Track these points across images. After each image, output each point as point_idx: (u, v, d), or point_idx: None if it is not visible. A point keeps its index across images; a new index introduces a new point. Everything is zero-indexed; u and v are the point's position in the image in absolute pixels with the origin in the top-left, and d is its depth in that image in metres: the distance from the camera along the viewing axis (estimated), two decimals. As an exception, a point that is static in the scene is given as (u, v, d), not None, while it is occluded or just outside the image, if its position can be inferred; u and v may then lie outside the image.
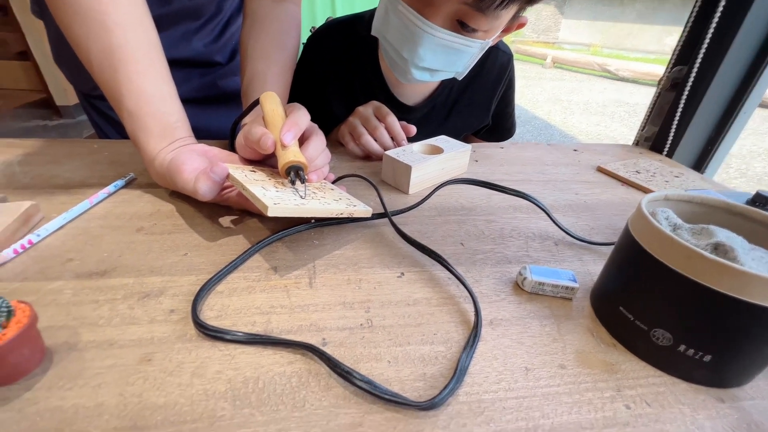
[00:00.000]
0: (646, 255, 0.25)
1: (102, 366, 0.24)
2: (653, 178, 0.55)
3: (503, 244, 0.38)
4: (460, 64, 0.51)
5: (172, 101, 0.42)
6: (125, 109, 0.39)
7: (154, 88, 0.40)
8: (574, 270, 0.35)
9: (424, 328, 0.28)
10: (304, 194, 0.35)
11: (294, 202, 0.32)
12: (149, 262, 0.33)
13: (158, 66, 0.41)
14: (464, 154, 0.52)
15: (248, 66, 0.51)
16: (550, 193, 0.50)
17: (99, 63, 0.38)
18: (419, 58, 0.48)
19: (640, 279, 0.26)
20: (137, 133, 0.40)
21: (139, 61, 0.39)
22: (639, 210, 0.27)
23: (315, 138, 0.40)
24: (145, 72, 0.40)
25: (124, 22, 0.38)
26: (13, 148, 0.52)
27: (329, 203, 0.35)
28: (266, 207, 0.29)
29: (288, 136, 0.36)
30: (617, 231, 0.42)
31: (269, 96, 0.42)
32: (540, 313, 0.30)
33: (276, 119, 0.39)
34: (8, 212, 0.35)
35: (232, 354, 0.25)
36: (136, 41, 0.39)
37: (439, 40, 0.46)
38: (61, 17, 0.37)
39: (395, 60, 0.52)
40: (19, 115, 2.90)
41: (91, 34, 0.37)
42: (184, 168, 0.36)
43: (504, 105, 0.74)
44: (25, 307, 0.23)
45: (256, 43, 0.52)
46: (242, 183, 0.33)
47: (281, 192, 0.34)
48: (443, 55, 0.48)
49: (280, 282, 0.31)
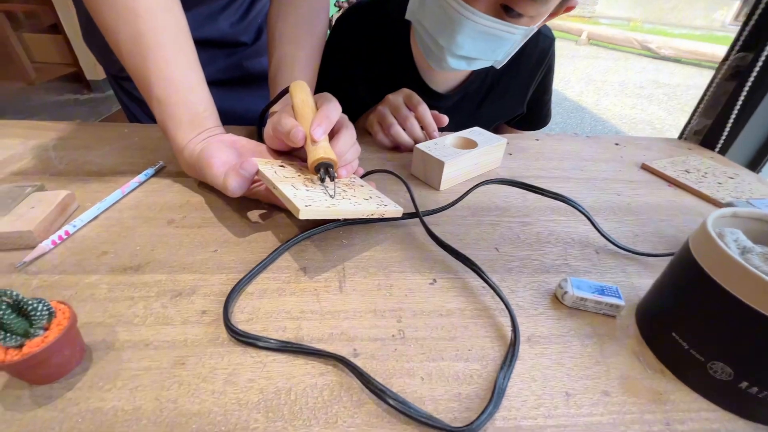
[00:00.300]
0: (709, 281, 0.23)
1: (138, 368, 0.24)
2: (704, 179, 0.51)
3: (540, 251, 0.36)
4: (501, 52, 0.48)
5: (201, 89, 0.41)
6: (154, 98, 0.39)
7: (183, 76, 0.39)
8: (617, 283, 0.33)
9: (458, 343, 0.27)
10: (334, 193, 0.34)
11: (325, 203, 0.31)
12: (180, 258, 0.33)
13: (187, 52, 0.40)
14: (499, 149, 0.50)
15: (276, 49, 0.49)
16: (589, 193, 0.47)
17: (128, 50, 0.37)
18: (457, 45, 0.45)
19: (699, 306, 0.24)
20: (166, 123, 0.39)
21: (168, 47, 0.38)
22: (704, 230, 0.24)
23: (345, 131, 0.39)
24: (174, 59, 0.39)
25: (153, 7, 0.37)
26: (47, 131, 0.53)
27: (360, 203, 0.34)
28: (297, 210, 0.29)
29: (318, 131, 0.35)
30: (664, 239, 0.39)
31: (299, 85, 0.40)
32: (581, 332, 0.28)
33: (306, 111, 0.38)
34: (46, 202, 0.35)
35: (263, 361, 0.25)
36: (165, 27, 0.38)
37: (481, 27, 0.43)
38: (91, 3, 0.36)
39: (430, 47, 0.49)
40: (52, 88, 2.98)
41: (120, 20, 0.36)
42: (214, 162, 0.36)
43: (541, 92, 0.70)
44: (65, 308, 0.23)
45: (285, 25, 0.50)
46: (272, 181, 0.32)
47: (311, 191, 0.33)
48: (483, 42, 0.45)
49: (309, 284, 0.31)
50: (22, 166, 0.45)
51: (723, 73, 0.62)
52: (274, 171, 0.35)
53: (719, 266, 0.22)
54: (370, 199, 0.36)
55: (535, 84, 0.67)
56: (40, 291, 0.29)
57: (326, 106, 0.37)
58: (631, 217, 0.43)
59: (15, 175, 0.43)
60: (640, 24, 9.40)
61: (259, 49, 0.73)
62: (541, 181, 0.49)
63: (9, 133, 0.52)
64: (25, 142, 0.50)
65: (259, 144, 0.41)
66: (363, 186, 0.39)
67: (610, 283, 0.33)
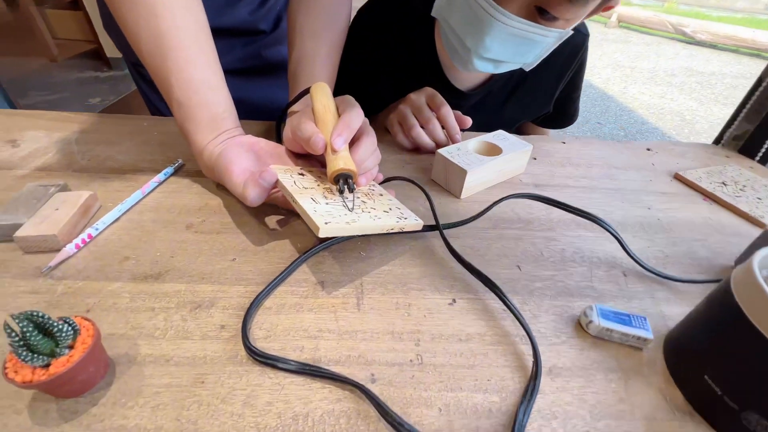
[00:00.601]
0: (752, 329, 0.21)
1: (160, 384, 0.24)
2: (742, 193, 0.48)
3: (564, 270, 0.35)
4: (531, 55, 0.45)
5: (220, 89, 0.40)
6: (174, 99, 0.38)
7: (203, 76, 0.39)
8: (645, 310, 0.32)
9: (478, 372, 0.26)
10: (353, 206, 0.33)
11: (344, 219, 0.30)
12: (199, 266, 0.33)
13: (207, 51, 0.39)
14: (524, 155, 0.48)
15: (296, 45, 0.48)
16: (618, 206, 0.45)
17: (148, 50, 0.37)
18: (485, 48, 0.43)
19: (738, 351, 0.22)
20: (185, 124, 0.39)
21: (188, 47, 0.37)
22: (749, 272, 0.23)
23: (366, 138, 0.38)
24: (194, 59, 0.38)
25: (174, 6, 0.36)
26: (70, 123, 0.54)
27: (379, 216, 0.33)
28: (318, 228, 0.28)
29: (339, 140, 0.34)
30: (696, 262, 0.37)
31: (320, 88, 0.39)
32: (605, 364, 0.27)
33: (327, 116, 0.37)
34: (70, 203, 0.36)
35: (281, 383, 0.25)
36: (186, 26, 0.37)
37: (511, 30, 0.40)
38: (111, 2, 0.35)
39: (456, 47, 0.47)
40: (73, 65, 3.01)
41: (141, 19, 0.35)
42: (233, 169, 0.35)
43: (570, 89, 0.66)
44: (89, 325, 0.23)
45: (306, 19, 0.48)
46: (292, 194, 0.32)
47: (331, 204, 0.32)
48: (513, 45, 0.42)
49: (327, 300, 0.30)
50: (47, 161, 0.45)
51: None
52: (293, 181, 0.34)
53: (765, 315, 0.21)
54: (390, 211, 0.35)
55: (564, 82, 0.63)
56: (65, 298, 0.29)
57: (348, 114, 0.36)
58: (662, 235, 0.41)
59: (39, 170, 0.44)
60: (676, 5, 8.86)
61: (278, 37, 0.71)
62: (567, 191, 0.47)
63: (35, 125, 0.52)
64: (50, 135, 0.51)
65: (277, 146, 0.41)
66: (382, 195, 0.38)
67: (638, 310, 0.32)
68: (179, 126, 0.40)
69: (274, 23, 0.71)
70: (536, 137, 0.59)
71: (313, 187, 0.35)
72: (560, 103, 0.67)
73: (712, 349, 0.24)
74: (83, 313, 0.28)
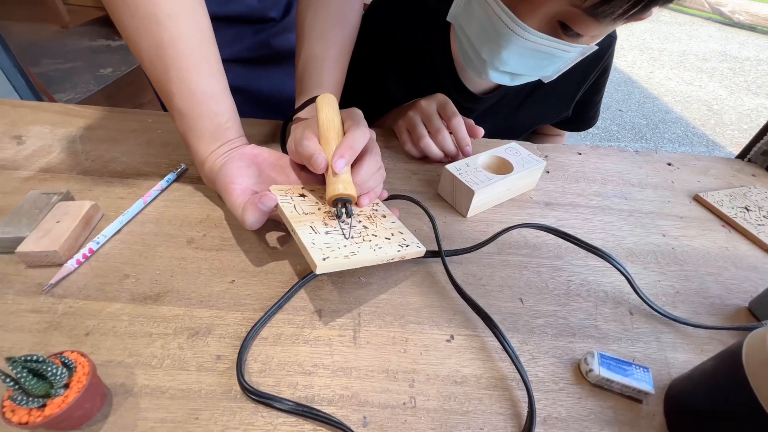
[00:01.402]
0: (759, 412, 0.20)
1: (155, 418, 0.25)
2: (766, 221, 0.45)
3: (568, 306, 0.34)
4: (551, 68, 0.42)
5: (223, 98, 0.39)
6: (176, 109, 0.37)
7: (206, 85, 0.37)
8: (648, 355, 0.31)
9: (471, 419, 0.26)
10: (349, 233, 0.32)
11: (343, 252, 0.30)
12: (198, 288, 0.32)
13: (210, 60, 0.37)
14: (536, 172, 0.46)
15: (304, 46, 0.46)
16: (630, 231, 0.43)
17: (150, 59, 0.35)
18: (501, 61, 0.40)
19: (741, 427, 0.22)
20: (188, 134, 0.38)
21: (191, 55, 0.36)
22: (763, 346, 0.21)
23: (369, 158, 0.36)
24: (196, 67, 0.36)
25: (176, 13, 0.34)
26: (75, 118, 0.53)
27: (380, 245, 0.32)
28: (315, 265, 0.27)
29: (340, 163, 0.33)
30: (708, 301, 0.36)
31: (326, 100, 0.37)
32: (602, 416, 0.27)
33: (331, 134, 0.35)
34: (72, 215, 0.36)
35: (273, 423, 0.25)
36: (189, 34, 0.35)
37: (531, 44, 0.38)
38: (112, 7, 0.34)
39: (470, 56, 0.44)
40: (85, 33, 2.97)
41: (142, 28, 0.34)
42: (233, 188, 0.34)
43: (592, 93, 0.63)
44: (85, 362, 0.24)
45: (315, 19, 0.46)
46: (291, 223, 0.31)
47: (331, 233, 0.32)
48: (531, 60, 0.40)
49: (324, 332, 0.30)
50: (51, 161, 0.45)
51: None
52: (293, 206, 0.33)
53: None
54: (392, 237, 0.34)
55: (587, 86, 0.60)
56: (65, 319, 0.29)
57: (352, 133, 0.34)
58: (675, 267, 0.39)
59: (43, 171, 0.43)
60: (716, -19, 8.25)
61: (287, 25, 0.68)
62: (578, 211, 0.45)
63: (41, 119, 0.52)
64: (54, 131, 0.50)
65: (281, 156, 0.40)
66: (386, 216, 0.37)
67: (641, 355, 0.31)
68: (181, 135, 0.39)
69: (284, 10, 0.68)
70: (551, 146, 0.57)
71: (314, 212, 0.34)
72: (580, 107, 0.64)
73: (714, 415, 0.23)
74: (83, 337, 0.29)
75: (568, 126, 0.69)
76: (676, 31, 4.95)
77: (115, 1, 0.33)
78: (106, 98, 2.28)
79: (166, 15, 0.34)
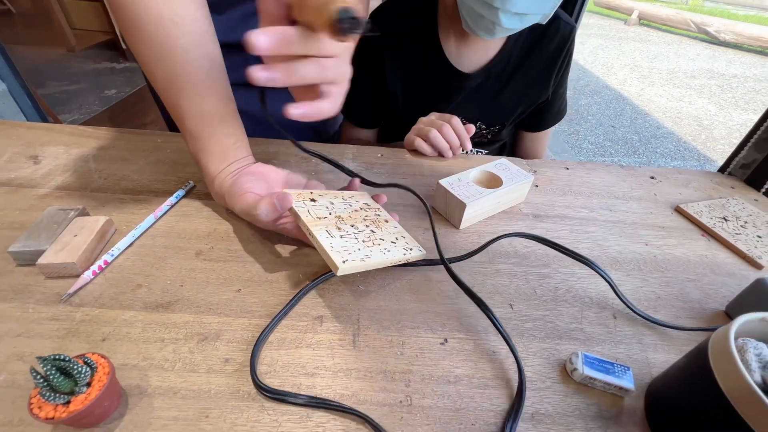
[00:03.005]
0: (723, 400, 0.22)
1: (168, 417, 0.26)
2: (743, 230, 0.48)
3: (556, 311, 0.36)
4: (550, 4, 0.50)
5: (232, 120, 0.42)
6: (188, 131, 0.40)
7: (215, 109, 0.40)
8: (631, 356, 0.33)
9: (463, 415, 0.28)
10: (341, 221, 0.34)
11: (359, 255, 0.32)
12: (207, 296, 0.35)
13: (219, 85, 0.40)
14: (524, 186, 0.49)
15: None
16: (615, 241, 0.46)
17: (163, 86, 0.39)
18: (512, 2, 0.47)
19: (708, 417, 0.24)
20: (198, 155, 0.41)
21: (201, 82, 0.39)
22: (725, 340, 0.24)
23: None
24: (206, 92, 0.40)
25: (188, 45, 0.37)
26: (87, 138, 0.56)
27: (389, 249, 0.35)
28: (337, 267, 0.30)
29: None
30: (687, 305, 0.38)
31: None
32: (587, 412, 0.29)
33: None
34: (88, 229, 0.38)
35: (278, 420, 0.27)
36: (199, 63, 0.38)
37: None
38: (130, 39, 0.37)
39: (481, 14, 0.50)
40: (90, 56, 3.06)
41: (156, 59, 0.37)
42: (248, 196, 0.37)
43: (558, 86, 0.69)
44: (105, 363, 0.26)
45: None
46: (309, 227, 0.33)
47: (345, 236, 0.34)
48: None
49: (325, 336, 0.32)
50: (66, 180, 0.47)
51: (782, 107, 0.57)
52: (307, 210, 0.35)
53: (736, 388, 0.22)
54: (397, 241, 0.37)
55: (558, 70, 0.65)
56: (83, 326, 0.31)
57: None
58: (657, 274, 0.42)
59: (59, 189, 0.46)
60: (701, 2, 8.57)
61: None
62: (565, 223, 0.48)
63: (54, 140, 0.55)
64: (68, 151, 0.53)
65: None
66: (388, 222, 0.40)
67: (624, 356, 0.33)
68: (193, 155, 0.42)
69: None
70: (540, 162, 0.60)
71: (326, 216, 0.36)
72: (550, 100, 0.69)
73: (687, 406, 0.25)
74: (99, 342, 0.30)
75: (541, 121, 0.72)
76: (665, 50, 5.11)
77: (133, 33, 0.37)
78: (110, 118, 2.33)
79: (179, 47, 0.37)
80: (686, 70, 4.36)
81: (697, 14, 6.01)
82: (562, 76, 0.69)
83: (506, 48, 0.62)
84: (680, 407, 0.26)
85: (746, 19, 6.18)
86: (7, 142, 0.54)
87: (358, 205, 0.41)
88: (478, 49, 0.62)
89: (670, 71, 4.28)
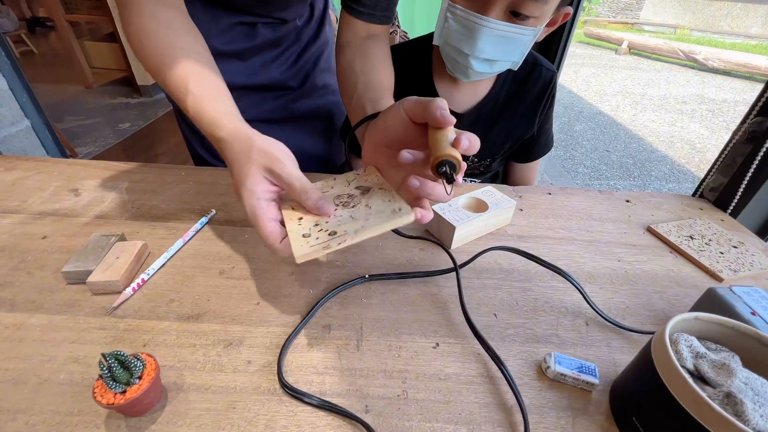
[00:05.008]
0: (661, 383, 0.27)
1: (201, 408, 0.31)
2: (707, 247, 0.53)
3: (535, 319, 0.41)
4: (517, 53, 0.55)
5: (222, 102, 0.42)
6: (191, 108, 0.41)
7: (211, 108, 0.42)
8: (600, 357, 0.37)
9: (452, 407, 0.32)
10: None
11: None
12: (230, 309, 0.40)
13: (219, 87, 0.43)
14: (508, 211, 0.55)
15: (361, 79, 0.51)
16: (591, 258, 0.51)
17: (177, 97, 0.42)
18: (479, 50, 0.53)
19: (653, 401, 0.28)
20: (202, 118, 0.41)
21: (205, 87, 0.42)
22: (661, 335, 0.29)
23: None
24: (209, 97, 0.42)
25: (188, 45, 0.43)
26: (118, 173, 0.63)
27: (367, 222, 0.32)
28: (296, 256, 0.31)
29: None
30: (653, 314, 0.43)
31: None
32: (558, 404, 0.33)
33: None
34: (127, 252, 0.44)
35: (294, 411, 0.31)
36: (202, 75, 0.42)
37: (496, 32, 0.51)
38: (148, 69, 0.43)
39: (456, 59, 0.57)
40: (106, 92, 3.24)
41: (167, 81, 0.42)
42: (263, 224, 0.40)
43: (544, 122, 0.75)
44: (152, 361, 0.31)
45: (365, 62, 0.53)
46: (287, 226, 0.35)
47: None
48: (500, 45, 0.53)
49: (333, 342, 0.37)
50: (104, 209, 0.54)
51: (740, 136, 0.63)
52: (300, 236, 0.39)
53: (669, 373, 0.27)
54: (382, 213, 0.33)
55: (542, 110, 0.72)
56: (126, 334, 0.37)
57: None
58: (627, 287, 0.47)
59: (98, 218, 0.52)
60: (688, 32, 8.93)
61: (304, 92, 0.81)
62: (546, 242, 0.53)
63: (91, 174, 0.62)
64: (104, 184, 0.60)
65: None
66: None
67: (594, 357, 0.38)
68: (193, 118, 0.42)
69: (302, 80, 0.80)
70: (524, 188, 0.66)
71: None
72: (537, 134, 0.75)
73: (637, 395, 0.30)
74: (141, 347, 0.36)
75: (530, 153, 0.79)
76: (655, 77, 5.30)
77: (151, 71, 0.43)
78: (124, 150, 2.45)
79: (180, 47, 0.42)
80: (677, 95, 4.51)
81: (684, 43, 6.27)
82: (546, 114, 0.75)
83: (494, 91, 0.69)
84: (634, 397, 0.31)
85: (733, 47, 6.43)
86: (50, 178, 0.61)
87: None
88: (467, 92, 0.69)
89: (662, 97, 4.43)
